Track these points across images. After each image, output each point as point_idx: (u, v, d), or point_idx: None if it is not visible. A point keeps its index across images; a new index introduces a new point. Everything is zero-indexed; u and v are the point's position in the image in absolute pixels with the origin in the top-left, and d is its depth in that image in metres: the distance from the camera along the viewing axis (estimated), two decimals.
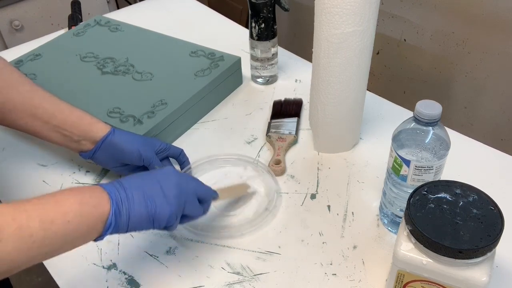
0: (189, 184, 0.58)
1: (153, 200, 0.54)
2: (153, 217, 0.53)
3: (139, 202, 0.53)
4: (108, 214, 0.50)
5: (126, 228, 0.52)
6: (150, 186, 0.54)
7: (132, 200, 0.52)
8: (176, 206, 0.55)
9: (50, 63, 0.93)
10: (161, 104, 0.81)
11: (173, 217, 0.55)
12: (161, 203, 0.54)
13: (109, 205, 0.50)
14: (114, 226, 0.51)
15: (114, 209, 0.50)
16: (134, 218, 0.52)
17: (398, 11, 1.39)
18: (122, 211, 0.51)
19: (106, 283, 0.61)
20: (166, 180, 0.56)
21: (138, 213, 0.52)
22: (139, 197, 0.53)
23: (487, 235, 0.45)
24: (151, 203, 0.53)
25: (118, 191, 0.52)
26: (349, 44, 0.66)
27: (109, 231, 0.50)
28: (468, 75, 1.31)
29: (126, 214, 0.52)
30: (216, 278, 0.61)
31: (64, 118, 0.67)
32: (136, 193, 0.53)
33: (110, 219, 0.50)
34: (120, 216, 0.51)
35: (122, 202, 0.51)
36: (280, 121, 0.84)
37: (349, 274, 0.61)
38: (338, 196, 0.71)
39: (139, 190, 0.53)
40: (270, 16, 0.87)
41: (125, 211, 0.51)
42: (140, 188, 0.54)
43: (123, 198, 0.52)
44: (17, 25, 1.62)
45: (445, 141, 0.56)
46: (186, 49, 0.95)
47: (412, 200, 0.50)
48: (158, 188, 0.54)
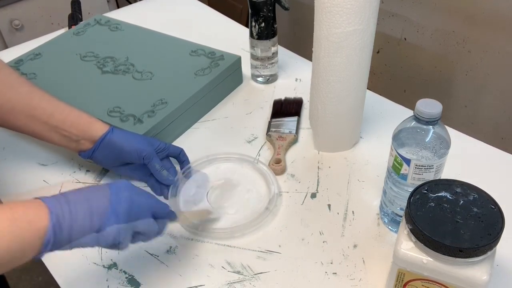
0: (143, 200, 0.55)
1: (100, 214, 0.50)
2: (98, 233, 0.50)
3: (83, 216, 0.49)
4: (45, 230, 0.46)
5: (68, 245, 0.48)
6: (98, 199, 0.51)
7: (76, 214, 0.48)
8: (125, 222, 0.51)
9: (50, 62, 0.93)
10: (161, 104, 0.81)
11: (121, 234, 0.51)
12: (108, 218, 0.50)
13: (47, 220, 0.46)
14: (53, 242, 0.47)
15: (53, 223, 0.46)
16: (76, 234, 0.48)
17: (398, 10, 1.39)
18: (63, 226, 0.47)
19: (106, 282, 0.61)
20: (118, 194, 0.52)
21: (81, 228, 0.49)
22: (84, 211, 0.49)
23: (488, 234, 0.45)
24: (97, 218, 0.50)
25: (61, 205, 0.48)
26: (349, 43, 0.65)
27: (47, 248, 0.47)
28: (468, 74, 1.31)
29: (68, 229, 0.48)
30: (216, 277, 0.61)
31: (63, 118, 0.67)
32: (81, 207, 0.49)
33: (48, 235, 0.46)
34: (61, 232, 0.47)
35: (63, 217, 0.47)
36: (280, 120, 0.84)
37: (350, 273, 0.61)
38: (338, 195, 0.71)
39: (85, 204, 0.50)
40: (270, 15, 0.87)
41: (67, 226, 0.47)
42: (87, 201, 0.50)
43: (66, 212, 0.48)
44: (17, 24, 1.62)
45: (446, 140, 0.56)
46: (186, 48, 0.95)
47: (413, 199, 0.50)
48: (106, 202, 0.51)
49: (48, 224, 0.46)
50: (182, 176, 0.74)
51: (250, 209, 0.69)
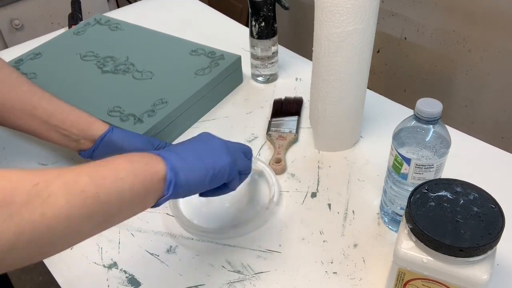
0: (231, 142, 0.58)
1: (209, 155, 0.53)
2: (212, 170, 0.52)
3: (195, 158, 0.51)
4: (164, 172, 0.48)
5: (188, 187, 0.50)
6: (199, 146, 0.54)
7: (187, 159, 0.51)
8: (232, 156, 0.54)
9: (50, 62, 0.93)
10: (161, 103, 0.81)
11: (233, 169, 0.54)
12: (219, 156, 0.53)
13: (163, 163, 0.48)
14: (175, 184, 0.48)
15: (171, 165, 0.48)
16: (194, 174, 0.50)
17: (398, 9, 1.39)
18: (179, 168, 0.49)
19: (106, 282, 0.61)
20: (212, 140, 0.56)
21: (198, 167, 0.51)
22: (194, 155, 0.52)
23: (488, 233, 0.45)
24: (208, 158, 0.52)
25: (170, 153, 0.50)
26: (350, 42, 0.65)
27: (170, 188, 0.48)
28: (468, 73, 1.31)
29: (185, 170, 0.50)
30: (216, 277, 0.61)
31: (63, 117, 0.67)
32: (189, 153, 0.52)
33: (169, 176, 0.48)
34: (178, 175, 0.49)
35: (177, 161, 0.50)
36: (280, 120, 0.84)
37: (350, 272, 0.61)
38: (338, 195, 0.71)
39: (191, 151, 0.52)
40: (270, 15, 0.87)
41: (183, 168, 0.49)
42: (191, 149, 0.53)
43: (177, 158, 0.50)
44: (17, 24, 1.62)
45: (446, 139, 0.56)
46: (186, 47, 0.95)
47: (413, 198, 0.50)
48: (209, 146, 0.54)
49: (166, 167, 0.48)
50: None
51: (251, 208, 0.69)
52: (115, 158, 0.46)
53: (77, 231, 0.41)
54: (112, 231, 0.67)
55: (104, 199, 0.42)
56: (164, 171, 0.48)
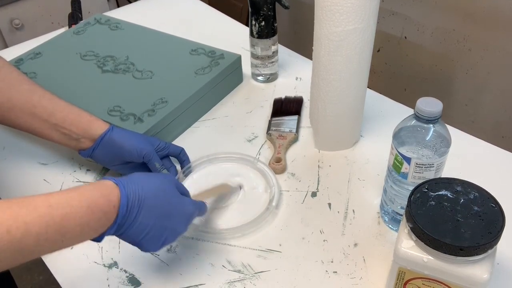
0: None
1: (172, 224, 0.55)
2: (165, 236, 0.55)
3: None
4: (119, 201, 0.49)
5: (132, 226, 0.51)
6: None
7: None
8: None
9: (51, 61, 0.93)
10: (161, 103, 0.81)
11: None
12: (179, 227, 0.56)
13: (118, 195, 0.49)
14: (124, 214, 0.49)
15: (124, 202, 0.49)
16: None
17: (398, 8, 1.39)
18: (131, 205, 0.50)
19: (107, 281, 0.61)
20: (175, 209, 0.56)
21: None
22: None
23: (488, 233, 0.45)
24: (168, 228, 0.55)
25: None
26: (350, 41, 0.65)
27: (120, 215, 0.49)
28: (469, 72, 1.31)
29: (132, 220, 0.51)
30: (217, 276, 0.61)
31: (63, 116, 0.67)
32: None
33: (122, 202, 0.49)
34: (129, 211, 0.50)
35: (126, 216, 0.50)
36: (280, 119, 0.84)
37: (350, 271, 0.61)
38: (338, 194, 0.71)
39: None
40: (270, 14, 0.86)
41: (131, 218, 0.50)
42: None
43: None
44: (17, 23, 1.62)
45: (446, 139, 0.56)
46: (187, 47, 0.95)
47: (413, 197, 0.50)
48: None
49: (120, 197, 0.49)
50: (182, 176, 0.74)
51: (251, 208, 0.69)
52: (76, 194, 0.47)
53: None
54: None
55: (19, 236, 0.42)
56: (119, 200, 0.49)
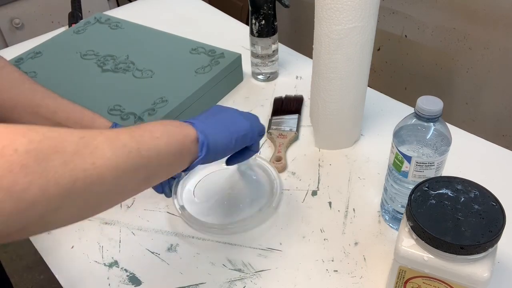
0: (241, 111, 0.62)
1: (230, 122, 0.57)
2: (236, 134, 0.56)
3: (219, 125, 0.55)
4: (195, 135, 0.51)
5: (216, 149, 0.53)
6: (219, 115, 0.58)
7: (212, 125, 0.54)
8: (249, 122, 0.59)
9: (51, 61, 0.93)
10: (161, 102, 0.81)
11: (253, 132, 0.59)
12: (239, 121, 0.58)
13: (192, 128, 0.51)
14: (207, 145, 0.51)
15: (200, 129, 0.51)
16: (221, 137, 0.54)
17: (399, 7, 1.38)
18: (208, 132, 0.52)
19: (107, 280, 0.61)
20: (227, 109, 0.60)
21: (223, 132, 0.55)
22: (217, 123, 0.56)
23: (489, 231, 0.45)
24: (230, 124, 0.57)
25: (196, 120, 0.53)
26: (350, 40, 0.65)
27: (203, 150, 0.51)
28: (469, 70, 1.31)
29: (212, 134, 0.53)
30: (217, 275, 0.61)
31: (66, 115, 0.67)
32: (212, 121, 0.55)
33: (200, 138, 0.51)
34: (208, 137, 0.52)
35: (204, 126, 0.53)
36: (281, 118, 0.84)
37: (351, 270, 0.61)
38: (339, 193, 0.71)
39: (214, 119, 0.56)
40: (271, 13, 0.86)
41: (211, 132, 0.53)
42: (213, 117, 0.57)
43: (203, 124, 0.53)
44: (18, 23, 1.62)
45: (446, 137, 0.56)
46: (187, 46, 0.95)
47: (413, 196, 0.50)
48: (227, 115, 0.59)
49: (196, 131, 0.51)
50: (184, 174, 0.74)
51: (251, 207, 0.69)
52: (148, 123, 0.49)
53: (125, 184, 0.42)
54: (113, 230, 0.68)
55: (145, 154, 0.44)
56: (195, 134, 0.51)
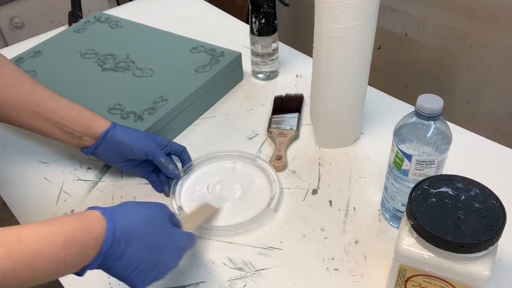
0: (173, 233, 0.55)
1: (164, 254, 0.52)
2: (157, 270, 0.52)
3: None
4: (103, 239, 0.46)
5: (116, 266, 0.48)
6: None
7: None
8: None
9: (51, 60, 0.93)
10: (162, 101, 0.81)
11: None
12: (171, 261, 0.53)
13: (104, 232, 0.46)
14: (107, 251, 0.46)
15: (108, 245, 0.46)
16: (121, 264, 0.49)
17: (399, 5, 1.38)
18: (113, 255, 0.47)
19: (108, 279, 0.61)
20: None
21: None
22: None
23: (489, 229, 0.45)
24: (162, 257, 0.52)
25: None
26: (350, 38, 0.65)
27: (101, 254, 0.46)
28: (470, 69, 1.31)
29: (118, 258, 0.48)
30: (218, 274, 0.61)
31: (65, 114, 0.67)
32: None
33: (106, 239, 0.46)
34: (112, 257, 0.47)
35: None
36: (281, 117, 0.83)
37: (351, 269, 0.61)
38: (339, 191, 0.71)
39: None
40: (271, 11, 0.86)
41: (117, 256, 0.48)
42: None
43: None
44: (18, 22, 1.62)
45: (447, 135, 0.56)
46: (187, 45, 0.95)
47: (414, 194, 0.50)
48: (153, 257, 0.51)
49: (106, 234, 0.46)
50: (183, 174, 0.74)
51: (252, 206, 0.69)
52: (61, 226, 0.45)
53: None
54: None
55: (19, 276, 0.41)
56: (103, 237, 0.46)
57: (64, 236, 0.43)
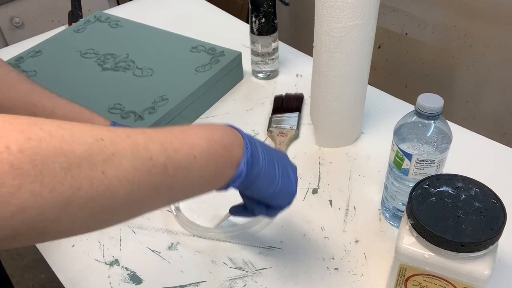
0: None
1: (285, 175, 0.51)
2: (280, 188, 0.50)
3: (272, 166, 0.49)
4: (239, 161, 0.45)
5: (251, 189, 0.48)
6: (279, 160, 0.51)
7: (267, 160, 0.48)
8: (295, 192, 0.53)
9: (51, 59, 0.93)
10: (162, 100, 0.81)
11: (291, 200, 0.53)
12: (291, 183, 0.52)
13: (242, 153, 0.45)
14: (245, 176, 0.45)
15: (247, 159, 0.45)
16: (265, 179, 0.48)
17: (399, 4, 1.38)
18: (255, 165, 0.46)
19: (108, 279, 0.61)
20: (290, 164, 0.54)
21: (271, 175, 0.49)
22: (272, 162, 0.49)
23: (490, 229, 0.45)
24: (283, 176, 0.51)
25: (254, 142, 0.48)
26: (350, 38, 0.65)
27: (238, 179, 0.45)
28: (470, 68, 1.31)
29: (259, 170, 0.47)
30: (218, 273, 0.61)
31: (64, 114, 0.67)
32: (270, 158, 0.49)
33: (241, 167, 0.45)
34: (252, 169, 0.46)
35: (257, 155, 0.47)
36: (281, 116, 0.83)
37: (351, 268, 0.61)
38: (339, 191, 0.71)
39: (272, 157, 0.50)
40: (271, 11, 0.86)
41: (259, 167, 0.47)
42: (273, 155, 0.50)
43: (258, 152, 0.47)
44: (18, 22, 1.62)
45: (447, 135, 0.56)
46: (187, 44, 0.95)
47: (414, 194, 0.50)
48: (286, 167, 0.52)
49: (243, 157, 0.45)
50: None
51: None
52: (194, 128, 0.43)
53: (140, 201, 0.37)
54: (114, 228, 0.67)
55: (171, 173, 0.38)
56: (239, 160, 0.45)
57: (216, 162, 0.43)
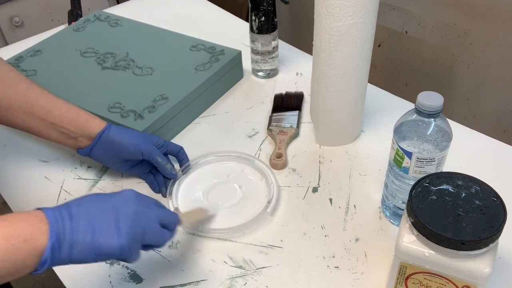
0: (149, 212, 0.53)
1: (102, 232, 0.48)
2: (99, 251, 0.48)
3: (85, 233, 0.47)
4: (43, 250, 0.44)
5: (68, 262, 0.47)
6: (102, 215, 0.49)
7: (77, 231, 0.47)
8: (128, 238, 0.49)
9: (50, 59, 0.93)
10: (162, 99, 0.81)
11: (125, 250, 0.49)
12: (111, 235, 0.48)
13: (46, 239, 0.45)
14: (51, 262, 0.45)
15: (53, 243, 0.45)
16: (77, 253, 0.47)
17: (399, 2, 1.38)
18: (63, 246, 0.46)
19: (109, 278, 0.61)
20: (123, 208, 0.50)
21: (82, 246, 0.47)
22: (86, 227, 0.47)
23: (490, 226, 0.45)
24: (98, 235, 0.47)
25: (62, 220, 0.46)
26: (350, 36, 0.65)
27: (44, 266, 0.45)
28: (470, 66, 1.31)
29: (68, 249, 0.46)
30: (218, 272, 0.61)
31: (61, 115, 0.67)
32: (84, 223, 0.47)
33: (45, 255, 0.44)
34: (60, 251, 0.46)
35: (64, 235, 0.46)
36: (281, 115, 0.83)
37: (352, 266, 0.61)
38: (340, 189, 0.71)
39: (88, 219, 0.48)
40: (270, 9, 0.86)
41: (67, 246, 0.46)
42: (90, 216, 0.48)
43: (67, 229, 0.46)
44: (17, 21, 1.62)
45: (447, 133, 0.56)
46: (186, 43, 0.95)
47: (414, 192, 0.50)
48: (112, 218, 0.49)
49: (47, 244, 0.45)
50: (181, 174, 0.73)
51: (249, 209, 0.68)
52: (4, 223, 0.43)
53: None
54: None
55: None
56: (42, 249, 0.44)
57: (14, 259, 0.43)
